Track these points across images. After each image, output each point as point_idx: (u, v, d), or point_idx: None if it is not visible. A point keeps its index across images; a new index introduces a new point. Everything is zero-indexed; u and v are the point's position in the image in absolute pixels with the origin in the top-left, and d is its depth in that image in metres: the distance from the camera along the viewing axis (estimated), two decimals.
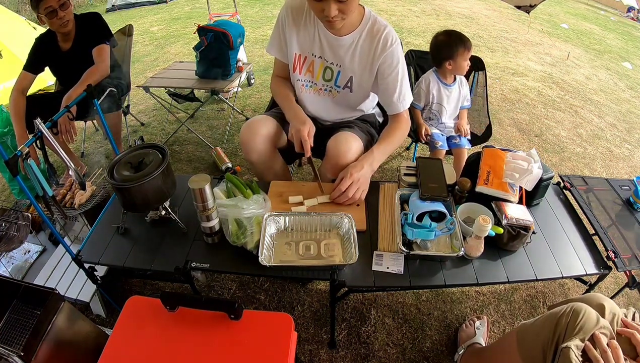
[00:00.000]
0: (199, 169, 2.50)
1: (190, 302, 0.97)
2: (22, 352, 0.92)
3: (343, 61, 1.40)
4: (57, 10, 1.85)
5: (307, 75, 1.48)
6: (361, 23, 1.36)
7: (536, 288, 1.71)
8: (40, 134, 1.19)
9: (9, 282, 1.09)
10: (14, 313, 1.04)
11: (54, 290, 1.02)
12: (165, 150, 1.23)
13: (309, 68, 1.47)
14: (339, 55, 1.40)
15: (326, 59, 1.42)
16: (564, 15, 7.00)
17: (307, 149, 1.36)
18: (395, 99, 1.41)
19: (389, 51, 1.35)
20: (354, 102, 1.53)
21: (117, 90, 2.19)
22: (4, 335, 0.98)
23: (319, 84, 1.49)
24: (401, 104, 1.43)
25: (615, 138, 3.05)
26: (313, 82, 1.50)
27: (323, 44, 1.39)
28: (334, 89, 1.49)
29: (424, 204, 1.22)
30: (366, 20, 1.36)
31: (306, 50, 1.43)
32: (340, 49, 1.38)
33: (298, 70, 1.48)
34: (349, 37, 1.36)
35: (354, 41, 1.37)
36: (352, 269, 1.16)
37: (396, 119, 1.46)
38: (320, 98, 1.53)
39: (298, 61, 1.46)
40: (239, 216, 1.18)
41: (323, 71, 1.45)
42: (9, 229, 1.62)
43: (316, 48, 1.41)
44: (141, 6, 7.27)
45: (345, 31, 1.35)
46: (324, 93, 1.51)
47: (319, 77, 1.47)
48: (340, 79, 1.45)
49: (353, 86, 1.45)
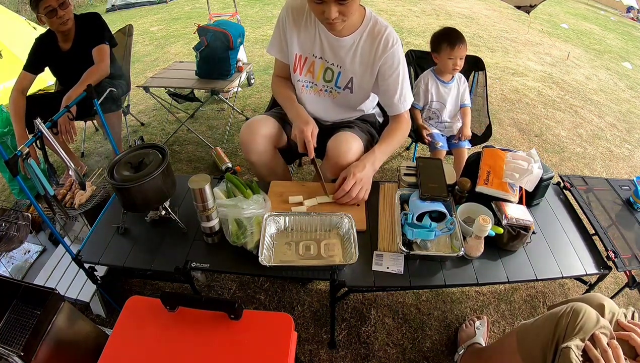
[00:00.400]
0: (199, 169, 2.50)
1: (190, 302, 0.97)
2: (22, 352, 0.92)
3: (344, 62, 1.40)
4: (56, 9, 1.86)
5: (308, 75, 1.48)
6: (362, 24, 1.36)
7: (536, 288, 1.71)
8: (40, 134, 1.19)
9: (9, 282, 1.09)
10: (14, 313, 1.04)
11: (53, 290, 1.02)
12: (165, 150, 1.23)
13: (309, 69, 1.46)
14: (339, 56, 1.40)
15: (327, 60, 1.42)
16: (564, 15, 7.00)
17: (310, 150, 1.36)
18: (396, 100, 1.41)
19: (389, 52, 1.35)
20: (354, 103, 1.53)
21: (117, 90, 2.19)
22: (4, 335, 0.98)
23: (319, 85, 1.49)
24: (402, 104, 1.43)
25: (615, 138, 3.05)
26: (313, 83, 1.50)
27: (324, 44, 1.39)
28: (334, 90, 1.49)
29: (424, 204, 1.22)
30: (367, 21, 1.36)
31: (307, 50, 1.43)
32: (341, 50, 1.38)
33: (299, 71, 1.48)
34: (350, 38, 1.36)
35: (355, 42, 1.37)
36: (352, 269, 1.16)
37: (397, 119, 1.46)
38: (321, 99, 1.53)
39: (299, 62, 1.46)
40: (239, 216, 1.18)
41: (324, 72, 1.45)
42: (9, 229, 1.62)
43: (317, 49, 1.41)
44: (141, 6, 7.27)
45: (346, 32, 1.35)
46: (324, 94, 1.51)
47: (319, 78, 1.47)
48: (340, 80, 1.45)
49: (354, 87, 1.45)
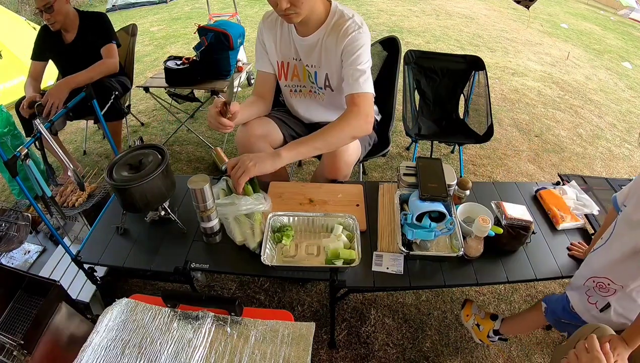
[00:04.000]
0: (199, 169, 2.50)
1: (191, 300, 0.96)
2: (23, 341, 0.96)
3: (315, 60, 1.39)
4: (42, 11, 1.91)
5: (294, 80, 1.48)
6: (327, 19, 1.33)
7: (536, 288, 1.71)
8: (40, 135, 1.19)
9: (14, 273, 1.13)
10: (18, 303, 1.08)
11: (56, 282, 1.04)
12: (164, 151, 1.23)
13: (294, 73, 1.46)
14: (311, 55, 1.39)
15: (303, 62, 1.42)
16: (563, 15, 7.00)
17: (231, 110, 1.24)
18: (351, 80, 1.28)
19: (349, 38, 1.27)
20: (341, 102, 1.51)
21: (122, 89, 2.22)
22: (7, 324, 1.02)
23: (307, 86, 1.49)
24: (359, 86, 1.27)
25: (615, 138, 3.05)
26: (302, 85, 1.49)
27: (297, 46, 1.39)
28: (319, 91, 1.48)
29: (424, 204, 1.22)
30: (331, 16, 1.32)
31: (286, 56, 1.43)
32: (309, 48, 1.37)
33: (284, 77, 1.48)
34: (314, 35, 1.34)
35: (320, 39, 1.34)
36: (352, 270, 1.16)
37: (348, 102, 1.30)
38: (309, 101, 1.53)
39: (282, 68, 1.46)
40: (237, 213, 1.18)
41: (307, 73, 1.45)
42: (9, 229, 1.62)
43: (293, 52, 1.41)
44: (141, 6, 7.26)
45: (311, 30, 1.34)
46: (313, 95, 1.51)
47: (305, 79, 1.47)
48: (318, 79, 1.44)
49: (332, 85, 1.43)
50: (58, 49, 2.08)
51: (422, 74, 2.23)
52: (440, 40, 4.90)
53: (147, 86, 2.56)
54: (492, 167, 2.55)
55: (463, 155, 2.45)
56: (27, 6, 6.72)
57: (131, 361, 0.81)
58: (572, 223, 1.33)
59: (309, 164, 2.52)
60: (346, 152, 1.36)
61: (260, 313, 0.95)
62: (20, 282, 1.16)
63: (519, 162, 2.62)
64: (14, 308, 1.12)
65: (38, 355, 0.99)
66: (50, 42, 2.06)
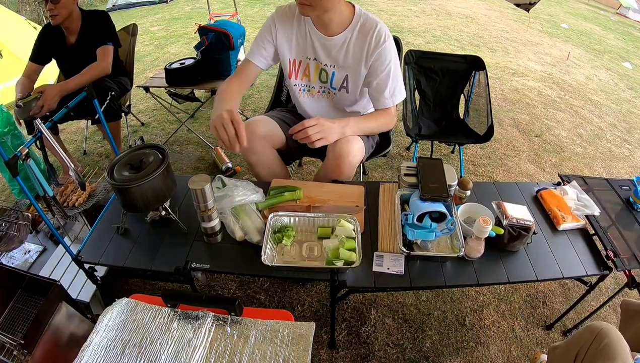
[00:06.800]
0: (199, 169, 2.50)
1: (191, 300, 0.97)
2: (23, 340, 0.96)
3: (337, 61, 1.41)
4: (47, 1, 1.88)
5: (304, 79, 1.49)
6: (352, 22, 1.36)
7: (536, 288, 1.71)
8: (40, 135, 1.20)
9: (14, 273, 1.13)
10: (18, 303, 1.07)
11: (56, 282, 1.04)
12: (165, 151, 1.22)
13: (305, 72, 1.47)
14: (332, 55, 1.40)
15: (320, 61, 1.43)
16: (564, 15, 7.00)
17: (241, 134, 1.15)
18: (386, 95, 1.41)
19: (382, 48, 1.35)
20: (352, 102, 1.53)
21: (120, 89, 2.21)
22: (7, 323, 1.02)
23: (316, 87, 1.50)
24: (391, 100, 1.43)
25: (615, 138, 3.05)
26: (310, 86, 1.50)
27: (315, 45, 1.40)
28: (331, 91, 1.49)
29: (425, 205, 1.22)
30: (357, 18, 1.36)
31: (300, 54, 1.44)
32: (333, 48, 1.39)
33: (294, 76, 1.48)
34: (341, 36, 1.36)
35: (346, 40, 1.37)
36: (352, 270, 1.16)
37: (385, 112, 1.46)
38: (318, 101, 1.53)
39: (293, 66, 1.47)
40: (232, 204, 1.19)
41: (319, 73, 1.46)
42: (9, 229, 1.62)
43: (310, 50, 1.42)
44: (141, 6, 7.27)
45: (337, 31, 1.36)
46: (321, 95, 1.52)
47: (315, 79, 1.48)
48: (335, 80, 1.45)
49: (349, 86, 1.45)
50: (60, 50, 2.07)
51: (422, 74, 2.23)
52: (440, 41, 4.90)
53: (147, 86, 2.55)
54: (492, 167, 2.55)
55: (463, 155, 2.45)
56: (28, 6, 6.73)
57: (131, 361, 0.81)
58: (573, 224, 1.33)
59: (309, 164, 2.52)
60: (351, 153, 1.36)
61: (260, 313, 0.95)
62: (20, 281, 1.17)
63: (519, 162, 2.62)
64: (14, 308, 1.12)
65: (38, 354, 0.99)
66: (53, 43, 2.05)
